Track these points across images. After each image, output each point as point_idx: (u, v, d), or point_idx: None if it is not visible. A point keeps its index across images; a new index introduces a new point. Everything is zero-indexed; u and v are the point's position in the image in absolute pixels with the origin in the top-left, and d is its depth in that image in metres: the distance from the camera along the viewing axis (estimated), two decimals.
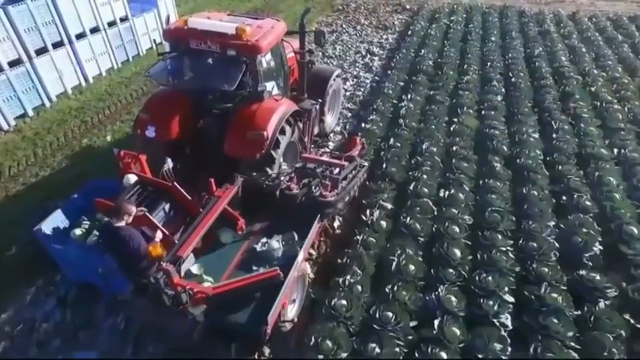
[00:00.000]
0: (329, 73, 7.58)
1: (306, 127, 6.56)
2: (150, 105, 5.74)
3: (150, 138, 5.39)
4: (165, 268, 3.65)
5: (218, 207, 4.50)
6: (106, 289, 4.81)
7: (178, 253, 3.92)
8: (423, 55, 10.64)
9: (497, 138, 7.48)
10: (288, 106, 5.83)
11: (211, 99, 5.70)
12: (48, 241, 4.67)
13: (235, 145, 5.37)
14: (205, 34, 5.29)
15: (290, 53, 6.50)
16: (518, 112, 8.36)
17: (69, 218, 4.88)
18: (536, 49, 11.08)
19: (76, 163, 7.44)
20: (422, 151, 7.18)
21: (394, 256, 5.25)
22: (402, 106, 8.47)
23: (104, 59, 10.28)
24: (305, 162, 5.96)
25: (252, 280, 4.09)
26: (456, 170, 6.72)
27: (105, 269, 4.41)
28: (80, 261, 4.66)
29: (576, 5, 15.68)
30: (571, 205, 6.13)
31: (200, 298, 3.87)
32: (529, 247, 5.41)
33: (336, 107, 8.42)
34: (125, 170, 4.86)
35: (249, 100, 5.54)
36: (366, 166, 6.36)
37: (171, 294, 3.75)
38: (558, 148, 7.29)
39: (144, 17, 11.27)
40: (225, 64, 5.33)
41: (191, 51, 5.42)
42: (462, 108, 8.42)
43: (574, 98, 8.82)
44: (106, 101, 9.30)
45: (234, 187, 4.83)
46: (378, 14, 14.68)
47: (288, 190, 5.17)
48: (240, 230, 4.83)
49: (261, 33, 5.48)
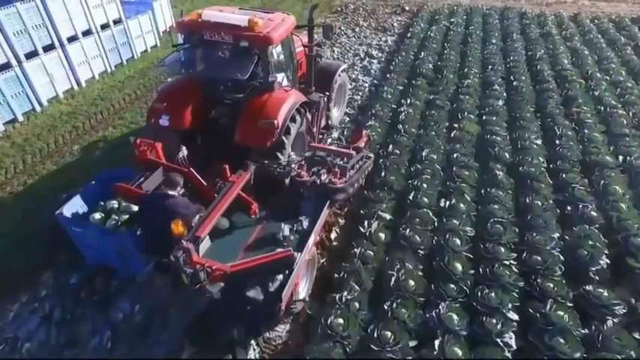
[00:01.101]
0: (335, 67, 7.76)
1: (314, 119, 6.80)
2: (163, 95, 5.93)
3: (163, 126, 5.57)
4: (185, 246, 3.76)
5: (233, 191, 4.70)
6: (123, 270, 4.97)
7: (197, 234, 4.07)
8: (423, 58, 10.43)
9: (498, 144, 7.28)
10: (297, 97, 6.00)
11: (223, 89, 5.87)
12: (68, 225, 4.88)
13: (246, 133, 5.51)
14: (219, 26, 5.45)
15: (299, 47, 6.67)
16: (520, 117, 8.16)
17: (87, 204, 5.10)
18: (538, 52, 10.88)
19: (66, 170, 7.23)
20: (422, 158, 6.97)
21: (393, 270, 5.05)
22: (402, 111, 8.26)
23: (97, 62, 10.07)
24: (314, 151, 6.09)
25: (267, 260, 4.25)
26: (457, 179, 6.52)
27: (124, 251, 4.56)
28: (99, 243, 4.85)
29: (578, 7, 15.50)
30: (576, 215, 5.93)
31: (218, 275, 4.01)
32: (533, 260, 5.21)
33: (342, 101, 8.61)
34: (141, 157, 5.05)
35: (260, 91, 5.70)
36: (371, 157, 6.42)
37: (190, 272, 3.86)
38: (562, 155, 7.09)
39: (138, 19, 11.07)
40: (238, 55, 5.51)
41: (205, 42, 5.59)
42: (463, 113, 8.22)
43: (577, 102, 8.62)
44: (99, 106, 9.09)
45: (247, 173, 5.05)
46: (377, 16, 14.48)
47: (299, 177, 5.35)
48: (253, 214, 5.00)
49: (272, 25, 5.65)
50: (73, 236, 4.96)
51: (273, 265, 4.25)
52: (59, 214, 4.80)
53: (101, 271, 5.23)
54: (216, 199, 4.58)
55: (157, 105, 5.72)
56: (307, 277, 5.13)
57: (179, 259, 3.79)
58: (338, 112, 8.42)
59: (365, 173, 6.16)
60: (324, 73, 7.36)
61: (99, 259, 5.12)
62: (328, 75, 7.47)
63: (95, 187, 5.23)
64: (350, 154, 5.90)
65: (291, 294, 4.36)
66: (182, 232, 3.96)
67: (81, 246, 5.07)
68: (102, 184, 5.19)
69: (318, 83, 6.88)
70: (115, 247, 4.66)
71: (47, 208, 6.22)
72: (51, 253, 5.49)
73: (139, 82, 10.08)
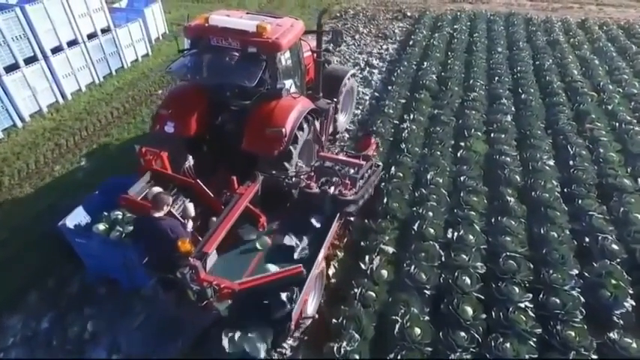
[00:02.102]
0: (343, 73, 7.64)
1: (323, 126, 6.65)
2: (169, 101, 5.82)
3: (169, 133, 5.46)
4: (192, 263, 3.69)
5: (241, 204, 4.56)
6: (127, 283, 4.89)
7: (204, 249, 3.97)
8: (426, 69, 9.94)
9: (508, 166, 6.80)
10: (305, 104, 5.87)
11: (229, 96, 5.77)
12: (71, 236, 4.81)
13: (253, 141, 5.39)
14: (226, 32, 5.34)
15: (307, 52, 6.52)
16: (531, 134, 7.68)
17: (90, 214, 5.05)
18: (546, 62, 10.41)
19: (45, 194, 6.73)
20: (427, 181, 6.49)
21: (397, 315, 4.57)
22: (404, 127, 7.78)
23: (84, 74, 9.57)
24: (323, 161, 5.95)
25: (276, 277, 4.17)
26: (465, 206, 6.04)
27: (128, 262, 4.52)
28: (103, 255, 4.78)
29: (585, 12, 15.01)
30: (595, 248, 5.46)
31: (226, 293, 3.93)
32: (551, 303, 4.74)
33: (350, 107, 8.49)
34: (146, 166, 4.86)
35: (268, 98, 5.58)
36: (380, 165, 6.28)
37: (197, 289, 3.81)
38: (576, 177, 6.61)
39: (128, 28, 10.56)
40: (246, 61, 5.35)
41: (212, 48, 5.45)
42: (469, 130, 7.74)
43: (590, 118, 8.16)
44: (84, 121, 8.58)
45: (255, 185, 4.90)
46: (377, 22, 13.98)
47: (308, 188, 5.19)
48: (261, 227, 4.91)
49: (281, 31, 5.52)
50: (77, 247, 4.91)
51: (282, 282, 4.13)
52: (62, 226, 4.73)
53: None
54: (224, 212, 4.44)
55: (163, 111, 5.59)
56: (316, 293, 4.97)
57: (186, 276, 3.73)
58: (345, 118, 8.29)
59: (374, 183, 5.97)
60: (332, 79, 7.19)
61: (101, 270, 5.05)
62: (336, 80, 7.31)
63: (98, 197, 5.17)
64: (360, 164, 5.73)
65: (300, 311, 4.29)
66: (189, 250, 3.87)
67: (84, 257, 5.00)
68: (104, 194, 5.13)
69: (326, 88, 6.72)
70: (119, 259, 4.59)
71: (20, 239, 5.83)
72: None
73: (128, 95, 9.58)
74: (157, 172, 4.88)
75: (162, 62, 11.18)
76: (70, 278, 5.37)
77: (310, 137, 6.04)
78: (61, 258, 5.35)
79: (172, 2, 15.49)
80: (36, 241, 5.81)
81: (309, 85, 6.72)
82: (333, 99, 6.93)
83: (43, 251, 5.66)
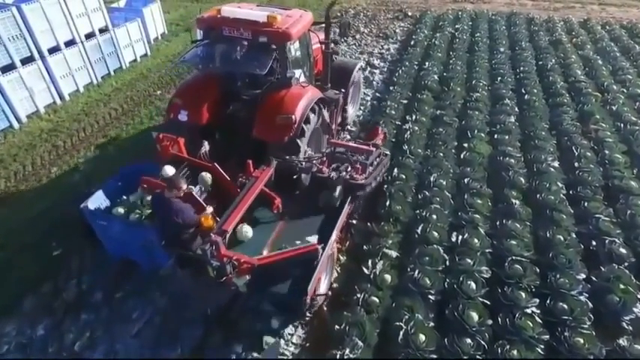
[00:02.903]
0: (351, 65, 7.89)
1: (333, 116, 6.84)
2: (182, 91, 6.01)
3: (182, 122, 5.61)
4: (214, 239, 3.82)
5: (257, 186, 4.76)
6: (147, 263, 5.00)
7: (224, 227, 4.12)
8: (428, 69, 9.84)
9: (512, 168, 6.69)
10: (314, 93, 6.00)
11: (240, 85, 5.97)
12: (93, 218, 4.97)
13: (264, 128, 5.51)
14: (238, 22, 5.48)
15: (315, 44, 6.63)
16: (534, 135, 7.57)
17: (109, 198, 5.20)
18: (549, 62, 10.30)
19: (41, 197, 6.61)
20: (430, 183, 6.38)
21: (401, 321, 4.47)
22: (407, 128, 7.67)
23: (82, 74, 9.46)
24: (334, 147, 6.01)
25: (293, 254, 4.35)
26: (469, 208, 5.93)
27: (148, 243, 4.63)
28: (123, 236, 4.91)
29: (587, 12, 14.91)
30: (602, 252, 5.36)
31: (246, 268, 4.06)
32: (558, 308, 4.63)
33: (357, 99, 8.72)
34: (164, 152, 5.11)
35: (277, 87, 5.72)
36: (388, 154, 6.37)
37: (216, 265, 3.95)
38: (582, 179, 6.51)
39: (126, 27, 10.45)
40: (257, 51, 5.52)
41: (224, 38, 5.60)
42: (472, 131, 7.63)
43: (594, 119, 8.05)
44: (82, 122, 8.48)
45: (270, 169, 5.10)
46: (378, 21, 13.87)
47: (320, 172, 5.36)
48: (276, 209, 5.03)
49: (290, 21, 5.65)
50: (97, 230, 5.07)
51: (299, 259, 4.31)
52: (84, 208, 4.89)
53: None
54: (241, 194, 4.65)
55: (176, 100, 5.75)
56: (328, 273, 5.09)
57: (206, 252, 3.86)
58: (353, 109, 8.45)
59: (383, 170, 6.11)
60: (342, 71, 7.36)
61: (121, 252, 5.17)
62: (346, 73, 7.48)
63: (116, 182, 5.34)
64: (370, 150, 5.85)
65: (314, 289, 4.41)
66: (211, 226, 4.02)
67: (104, 239, 5.15)
68: (123, 179, 5.32)
69: (335, 81, 6.85)
70: (138, 240, 4.73)
71: (15, 243, 5.72)
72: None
73: (127, 95, 9.47)
74: (176, 156, 5.11)
75: (161, 63, 11.09)
76: (66, 283, 5.26)
77: (319, 125, 6.16)
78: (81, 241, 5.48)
79: (171, 2, 15.41)
80: (32, 245, 5.71)
81: (317, 76, 6.83)
82: (341, 90, 7.05)
83: (39, 255, 5.55)
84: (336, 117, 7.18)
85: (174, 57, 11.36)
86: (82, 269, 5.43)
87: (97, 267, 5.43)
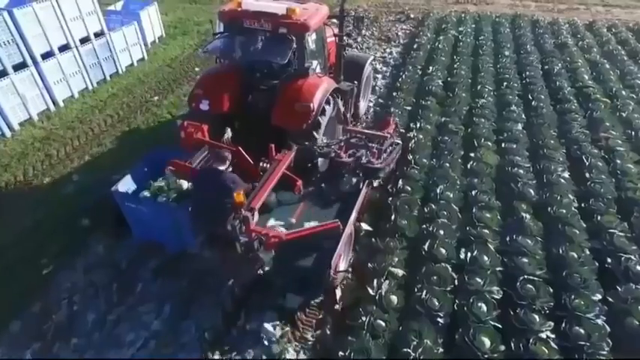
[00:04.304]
0: (364, 59, 8.16)
1: (347, 105, 7.12)
2: (203, 81, 6.25)
3: (204, 111, 5.81)
4: (245, 214, 4.01)
5: (281, 167, 5.02)
6: (174, 244, 5.29)
7: (252, 204, 4.30)
8: (432, 74, 9.60)
9: (521, 179, 6.45)
10: (330, 83, 6.24)
11: (259, 76, 6.21)
12: (122, 201, 5.26)
13: (283, 116, 5.72)
14: (258, 15, 5.72)
15: (330, 37, 6.93)
16: (543, 144, 7.33)
17: (136, 182, 5.50)
18: (556, 66, 10.07)
19: (33, 209, 6.35)
20: (436, 196, 6.14)
21: (409, 347, 4.23)
22: (411, 137, 7.43)
23: (77, 80, 9.19)
24: (350, 134, 6.43)
25: (317, 230, 4.63)
26: (478, 223, 5.69)
27: (177, 224, 4.96)
28: (151, 218, 5.20)
29: (592, 13, 14.68)
30: (618, 270, 5.12)
31: (274, 242, 4.27)
32: (574, 333, 4.40)
33: (368, 93, 8.95)
34: (188, 139, 5.30)
35: (295, 76, 5.95)
36: (400, 143, 6.59)
37: (244, 241, 4.16)
38: (594, 192, 6.27)
39: (123, 31, 10.19)
40: (277, 42, 5.76)
41: (244, 30, 5.88)
42: (479, 139, 7.39)
43: (604, 126, 7.81)
44: (76, 130, 8.23)
45: (291, 153, 5.37)
46: (380, 24, 13.61)
47: (339, 157, 5.76)
48: (298, 190, 5.31)
49: (308, 14, 5.89)
50: (127, 212, 5.35)
51: (321, 236, 4.56)
52: (115, 191, 5.18)
53: None
54: (266, 174, 4.89)
55: (198, 90, 5.95)
56: (347, 252, 5.30)
57: (236, 228, 4.04)
58: (364, 103, 8.65)
59: (395, 158, 6.29)
60: (354, 64, 7.59)
61: (148, 235, 5.45)
62: (358, 66, 7.72)
63: (143, 166, 5.65)
64: (384, 136, 6.29)
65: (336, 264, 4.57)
66: (243, 202, 4.12)
67: (132, 222, 5.44)
68: (149, 164, 5.63)
69: (348, 73, 7.05)
70: (166, 221, 5.06)
71: (4, 257, 5.47)
72: None
73: (123, 102, 9.22)
74: (200, 142, 5.30)
75: (158, 67, 10.83)
76: (56, 304, 5.02)
77: (334, 114, 6.34)
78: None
79: (169, 4, 15.13)
80: (22, 259, 5.50)
81: (330, 68, 7.05)
82: (354, 82, 7.20)
83: (28, 273, 5.32)
84: (351, 106, 7.44)
85: (171, 61, 11.12)
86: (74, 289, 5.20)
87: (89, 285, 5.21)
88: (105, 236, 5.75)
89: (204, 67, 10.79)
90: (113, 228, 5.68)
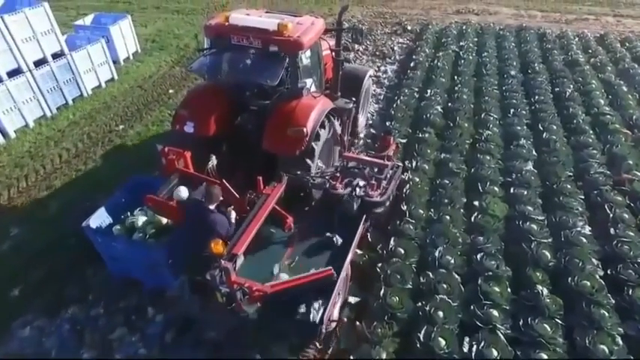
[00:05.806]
0: (362, 72, 7.70)
1: (345, 127, 6.60)
2: (188, 101, 5.79)
3: (188, 133, 5.39)
4: (224, 266, 3.69)
5: (268, 205, 4.58)
6: (150, 282, 4.95)
7: (234, 251, 4.00)
8: (430, 98, 8.63)
9: (535, 237, 5.47)
10: (325, 104, 5.81)
11: (249, 96, 5.78)
12: (94, 237, 4.88)
13: (274, 140, 5.33)
14: (247, 30, 5.27)
15: (325, 50, 6.40)
16: (558, 188, 6.35)
17: (112, 214, 5.10)
18: (567, 88, 9.10)
19: None
20: (434, 261, 5.17)
21: None
22: (406, 180, 6.44)
23: (31, 107, 8.21)
24: (346, 161, 5.82)
25: (308, 279, 4.06)
26: (484, 300, 4.71)
27: (153, 263, 4.61)
28: (126, 256, 4.87)
29: (602, 24, 13.70)
30: None
31: (258, 296, 3.91)
32: None
33: (367, 107, 8.47)
34: (169, 167, 4.92)
35: (288, 97, 5.54)
36: (400, 166, 6.07)
37: (226, 292, 3.85)
38: (621, 254, 5.29)
39: (87, 50, 9.18)
40: (267, 60, 5.33)
41: (232, 47, 5.42)
42: (484, 183, 6.40)
43: (626, 165, 6.84)
44: (25, 167, 7.23)
45: (281, 185, 4.92)
46: (374, 37, 12.59)
47: (333, 189, 5.11)
48: (288, 228, 4.84)
49: (302, 29, 5.42)
50: (99, 248, 4.99)
51: (312, 285, 4.02)
52: (86, 227, 4.77)
53: None
54: (251, 213, 4.47)
55: (182, 111, 5.54)
56: (341, 296, 4.76)
57: (215, 278, 3.79)
58: (363, 118, 8.19)
59: (396, 184, 5.73)
60: (352, 79, 7.10)
61: (124, 271, 5.10)
62: (356, 80, 7.27)
63: (121, 196, 5.23)
64: (384, 164, 5.64)
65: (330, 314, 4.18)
66: (221, 252, 3.84)
67: (106, 258, 5.09)
68: (127, 193, 5.21)
69: (345, 89, 6.62)
70: (142, 260, 4.70)
71: None
72: None
73: (83, 131, 8.22)
74: (181, 172, 4.91)
75: (128, 88, 9.85)
76: None
77: (330, 137, 5.92)
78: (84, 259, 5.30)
79: (150, 15, 14.16)
80: None
81: (327, 84, 6.58)
82: (351, 98, 6.76)
83: None
84: (348, 128, 6.94)
85: (144, 81, 10.11)
86: None
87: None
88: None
89: (179, 88, 9.86)
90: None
